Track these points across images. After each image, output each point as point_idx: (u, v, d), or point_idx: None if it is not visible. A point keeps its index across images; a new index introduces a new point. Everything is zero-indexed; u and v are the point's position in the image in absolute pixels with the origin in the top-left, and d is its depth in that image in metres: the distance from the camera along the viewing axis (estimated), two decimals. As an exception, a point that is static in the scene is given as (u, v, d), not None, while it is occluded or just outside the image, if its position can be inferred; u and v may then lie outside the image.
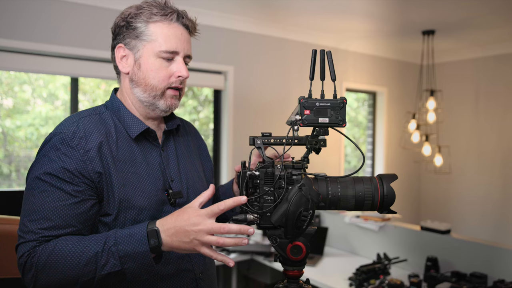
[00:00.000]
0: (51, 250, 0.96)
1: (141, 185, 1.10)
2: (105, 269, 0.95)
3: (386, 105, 5.18)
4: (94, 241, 0.97)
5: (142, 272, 0.98)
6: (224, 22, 3.82)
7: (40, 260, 0.95)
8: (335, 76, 0.98)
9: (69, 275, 0.95)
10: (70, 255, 0.95)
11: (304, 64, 4.32)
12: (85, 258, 0.95)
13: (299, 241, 0.98)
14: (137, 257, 0.95)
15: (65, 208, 1.00)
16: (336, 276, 2.74)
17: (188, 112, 4.09)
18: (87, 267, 0.95)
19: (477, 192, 4.99)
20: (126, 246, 0.95)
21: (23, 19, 2.92)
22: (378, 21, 4.00)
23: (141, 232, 0.96)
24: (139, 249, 0.95)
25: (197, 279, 1.18)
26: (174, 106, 1.17)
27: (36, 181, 1.02)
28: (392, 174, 1.02)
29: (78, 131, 1.06)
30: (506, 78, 4.74)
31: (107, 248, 0.95)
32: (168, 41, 1.12)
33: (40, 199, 1.00)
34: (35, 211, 1.00)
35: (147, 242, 0.95)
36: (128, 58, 1.15)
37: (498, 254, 2.42)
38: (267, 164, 1.01)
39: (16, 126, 3.21)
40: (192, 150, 1.32)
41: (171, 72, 1.14)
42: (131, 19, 1.13)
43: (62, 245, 0.97)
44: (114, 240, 0.96)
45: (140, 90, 1.14)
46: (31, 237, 0.98)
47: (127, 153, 1.12)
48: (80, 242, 0.97)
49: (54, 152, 1.03)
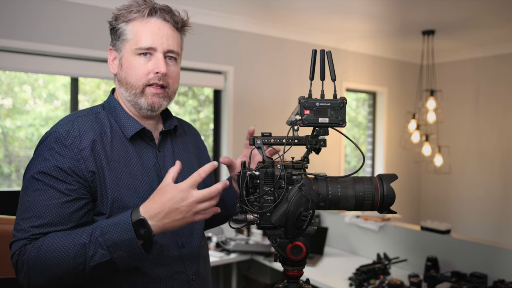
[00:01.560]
0: (39, 246, 0.96)
1: (135, 185, 1.10)
2: (94, 259, 0.94)
3: (386, 105, 5.18)
4: (81, 233, 0.97)
5: (133, 260, 0.97)
6: (224, 22, 3.82)
7: (30, 257, 0.95)
8: (335, 76, 0.98)
9: (59, 269, 0.94)
10: (58, 249, 0.95)
11: (304, 64, 4.32)
12: (73, 251, 0.94)
13: (299, 241, 0.98)
14: (125, 245, 0.95)
15: (57, 207, 1.00)
16: (336, 276, 2.74)
17: (188, 112, 4.09)
18: (76, 259, 0.94)
19: (477, 191, 4.99)
20: (113, 235, 0.95)
21: (23, 19, 2.92)
22: (378, 21, 4.00)
23: (125, 220, 0.95)
24: (125, 237, 0.94)
25: (190, 281, 1.17)
26: (157, 104, 1.14)
27: (31, 180, 1.02)
28: (392, 174, 1.02)
29: (73, 130, 1.06)
30: (506, 78, 4.74)
31: (94, 239, 0.95)
32: (143, 37, 1.11)
33: (33, 197, 1.00)
34: (27, 210, 1.00)
35: (132, 229, 0.94)
36: (115, 59, 1.17)
37: (498, 254, 2.42)
38: (267, 164, 1.01)
39: (16, 126, 3.22)
40: (190, 151, 1.30)
41: (149, 69, 1.12)
42: (114, 22, 1.15)
43: (50, 240, 0.96)
44: (100, 230, 0.96)
45: (124, 90, 1.15)
46: (22, 235, 0.99)
47: (122, 153, 1.12)
48: (67, 236, 0.97)
49: (48, 151, 1.04)
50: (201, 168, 0.98)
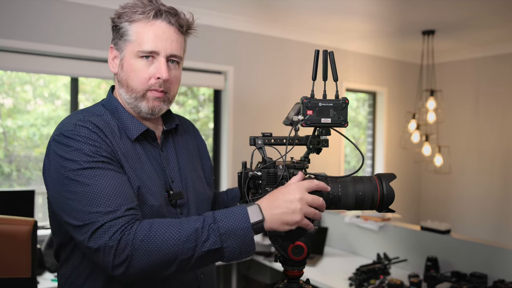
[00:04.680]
0: (149, 227, 0.92)
1: (149, 182, 1.09)
2: (205, 245, 0.91)
3: (386, 105, 5.18)
4: (191, 219, 0.95)
5: (241, 252, 0.95)
6: (224, 22, 3.82)
7: (137, 237, 0.91)
8: (337, 77, 0.99)
9: (167, 252, 0.91)
10: (170, 231, 0.92)
11: (304, 64, 4.32)
12: (185, 234, 0.92)
13: (300, 241, 0.98)
14: (238, 234, 0.93)
15: (123, 185, 0.99)
16: (336, 276, 2.74)
17: (188, 112, 4.09)
18: (187, 243, 0.91)
19: (477, 191, 4.99)
20: (227, 223, 0.93)
21: (23, 19, 2.92)
22: (378, 21, 4.00)
23: (241, 209, 0.94)
24: (240, 225, 0.93)
25: (199, 279, 1.17)
26: (157, 108, 1.13)
27: (80, 172, 0.97)
28: (391, 173, 1.02)
29: (92, 124, 1.05)
30: (506, 78, 4.74)
31: (207, 225, 0.93)
32: (146, 40, 1.08)
33: (98, 181, 0.97)
34: (96, 197, 0.95)
35: (248, 219, 0.93)
36: (116, 59, 1.15)
37: (498, 254, 2.42)
38: (269, 165, 1.01)
39: (17, 126, 3.21)
40: (191, 150, 1.30)
41: (151, 73, 1.09)
42: (117, 20, 1.12)
43: (160, 222, 0.94)
44: (213, 218, 0.94)
45: (124, 91, 1.13)
46: (111, 216, 0.93)
47: (133, 151, 1.11)
48: (176, 220, 0.95)
49: (77, 142, 1.00)
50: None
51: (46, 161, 1.06)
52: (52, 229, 1.15)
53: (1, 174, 3.18)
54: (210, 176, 1.36)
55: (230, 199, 1.36)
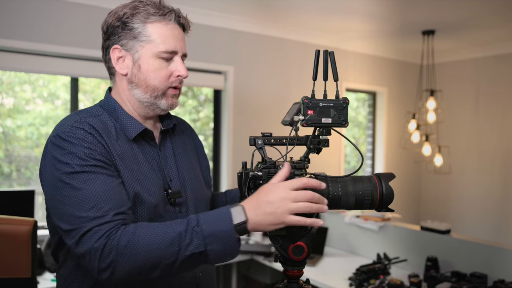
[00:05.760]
0: (133, 232, 0.93)
1: (147, 183, 1.10)
2: (188, 249, 0.92)
3: (386, 105, 5.18)
4: (175, 223, 0.95)
5: (226, 254, 0.95)
6: (224, 22, 3.82)
7: (121, 242, 0.92)
8: (337, 77, 0.99)
9: (151, 257, 0.91)
10: (154, 235, 0.92)
11: (304, 64, 4.32)
12: (169, 238, 0.92)
13: (301, 241, 0.98)
14: (221, 236, 0.92)
15: (115, 189, 1.00)
16: (336, 276, 2.74)
17: (188, 112, 4.09)
18: (170, 248, 0.92)
19: (477, 191, 4.99)
20: (210, 226, 0.93)
21: (23, 19, 2.92)
22: (378, 21, 4.00)
23: (225, 212, 0.94)
24: (223, 228, 0.92)
25: (197, 278, 1.17)
26: (174, 105, 1.18)
27: (72, 176, 0.99)
28: (390, 173, 1.02)
29: (88, 126, 1.06)
30: (506, 78, 4.74)
31: (191, 228, 0.93)
32: (167, 41, 1.12)
33: (89, 186, 0.98)
34: (86, 200, 0.96)
35: (231, 221, 0.93)
36: (125, 59, 1.14)
37: (498, 254, 2.42)
38: (269, 165, 1.01)
39: (16, 126, 3.21)
40: (188, 150, 1.31)
41: (170, 71, 1.14)
42: (127, 19, 1.11)
43: (144, 227, 0.94)
44: (196, 221, 0.94)
45: (141, 91, 1.14)
46: (99, 222, 0.94)
47: (130, 151, 1.11)
48: (161, 224, 0.95)
49: (72, 145, 1.01)
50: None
51: (43, 162, 1.07)
52: (50, 229, 1.15)
53: (1, 174, 3.18)
54: (207, 175, 1.37)
55: (229, 200, 1.36)
